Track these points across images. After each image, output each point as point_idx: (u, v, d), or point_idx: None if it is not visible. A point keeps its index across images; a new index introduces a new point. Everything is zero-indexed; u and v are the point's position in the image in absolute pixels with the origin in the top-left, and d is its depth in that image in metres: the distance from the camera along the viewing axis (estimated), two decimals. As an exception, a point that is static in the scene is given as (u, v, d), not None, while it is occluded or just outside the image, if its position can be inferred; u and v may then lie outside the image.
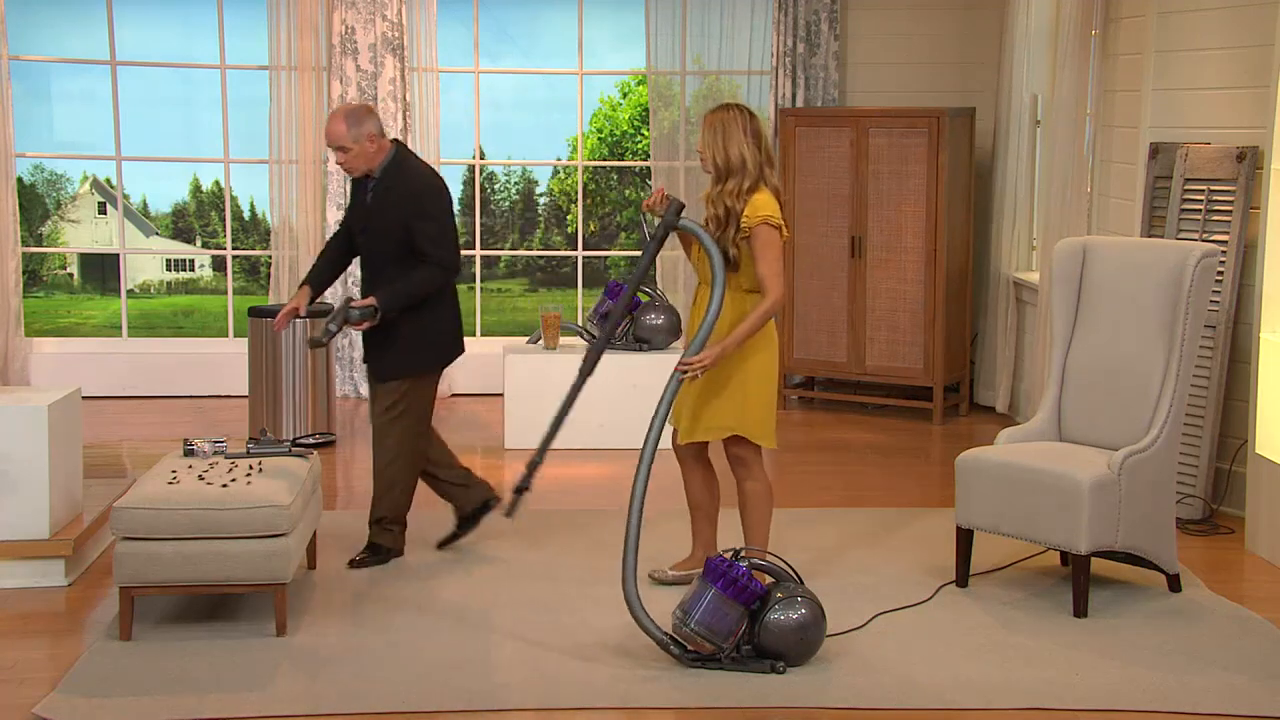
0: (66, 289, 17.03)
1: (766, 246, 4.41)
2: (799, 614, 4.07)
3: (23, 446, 4.76)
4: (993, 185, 8.03)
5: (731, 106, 4.53)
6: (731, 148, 4.44)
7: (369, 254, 5.09)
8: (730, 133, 4.44)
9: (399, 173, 5.02)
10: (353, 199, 5.17)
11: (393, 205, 4.98)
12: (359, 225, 5.09)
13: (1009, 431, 5.06)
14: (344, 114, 4.97)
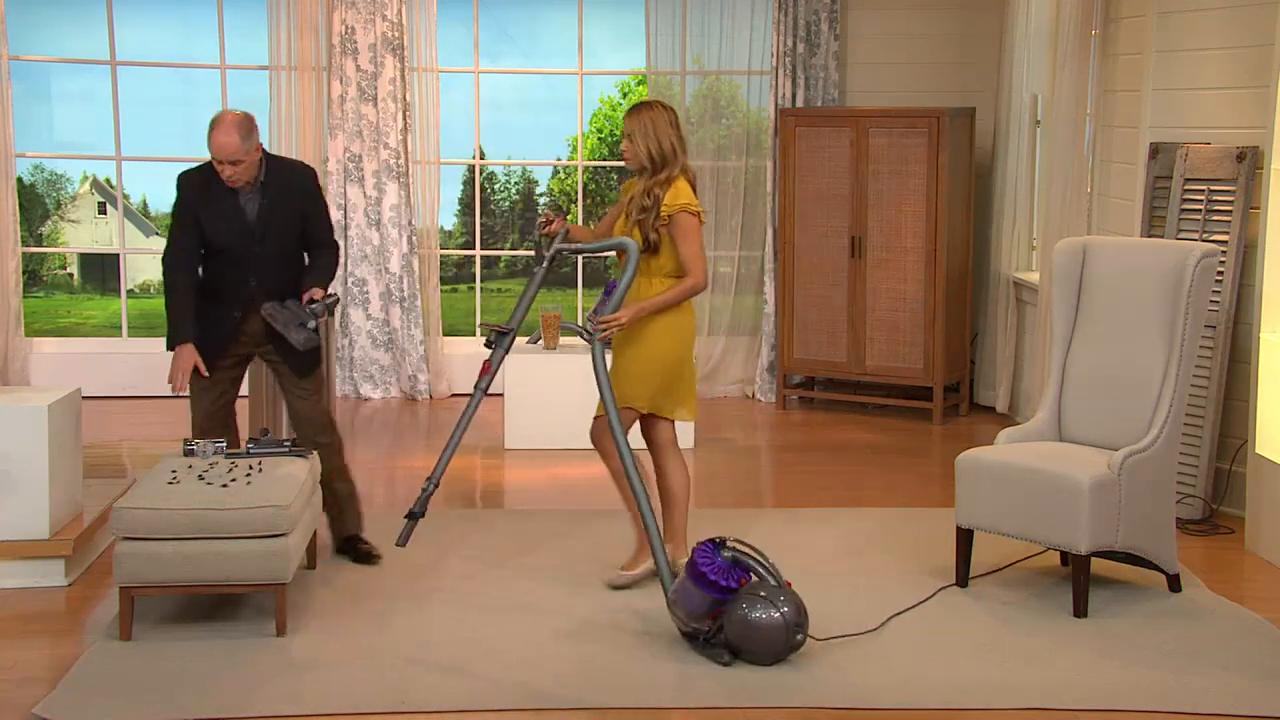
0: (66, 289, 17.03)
1: (689, 232, 4.68)
2: (757, 614, 4.11)
3: (23, 446, 4.76)
4: (993, 185, 8.03)
5: (655, 103, 4.78)
6: (664, 140, 4.69)
7: (263, 259, 4.93)
8: (660, 126, 4.70)
9: (283, 170, 5.01)
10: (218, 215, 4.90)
11: (290, 201, 4.96)
12: (248, 235, 4.91)
13: (1009, 431, 5.05)
14: (235, 126, 4.79)
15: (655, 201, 4.67)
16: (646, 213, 4.68)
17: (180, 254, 4.95)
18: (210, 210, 4.89)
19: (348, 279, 8.25)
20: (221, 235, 4.91)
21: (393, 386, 8.36)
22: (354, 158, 8.18)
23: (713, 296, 8.48)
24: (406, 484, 6.46)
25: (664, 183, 4.69)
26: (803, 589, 4.79)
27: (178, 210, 4.99)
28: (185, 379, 4.88)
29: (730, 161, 8.41)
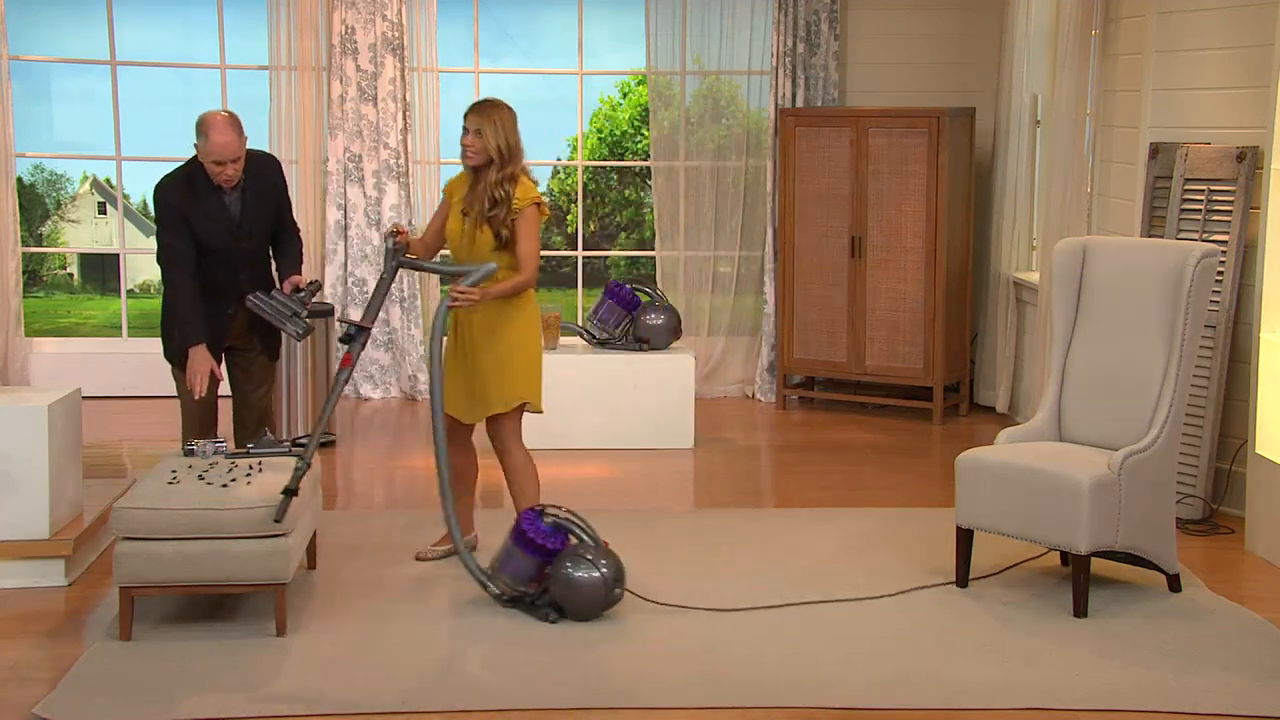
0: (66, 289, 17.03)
1: (534, 226, 4.84)
2: (580, 573, 4.40)
3: (23, 446, 4.76)
4: (993, 185, 8.03)
5: (500, 102, 4.90)
6: (511, 135, 4.83)
7: (249, 254, 5.08)
8: (506, 122, 4.84)
9: (255, 165, 5.11)
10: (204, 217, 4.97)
11: (267, 194, 5.10)
12: (235, 232, 5.01)
13: (1009, 431, 5.05)
14: (230, 124, 4.88)
15: (507, 196, 4.78)
16: (498, 207, 4.79)
17: (178, 255, 5.00)
18: (197, 212, 4.98)
19: (348, 279, 8.25)
20: (210, 236, 5.00)
21: (392, 386, 8.36)
22: (354, 158, 8.18)
23: (713, 296, 8.48)
24: (406, 483, 6.46)
25: (511, 179, 4.80)
26: (804, 589, 4.80)
27: (165, 217, 5.03)
28: (205, 382, 4.96)
29: (730, 161, 8.41)
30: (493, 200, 4.80)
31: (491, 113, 4.83)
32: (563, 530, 4.53)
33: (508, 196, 4.79)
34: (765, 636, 4.40)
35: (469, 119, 4.85)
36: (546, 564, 4.48)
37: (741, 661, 4.19)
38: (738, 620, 4.53)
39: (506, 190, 4.80)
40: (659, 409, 7.00)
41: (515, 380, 4.91)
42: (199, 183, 4.97)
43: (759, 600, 4.70)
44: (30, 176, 16.08)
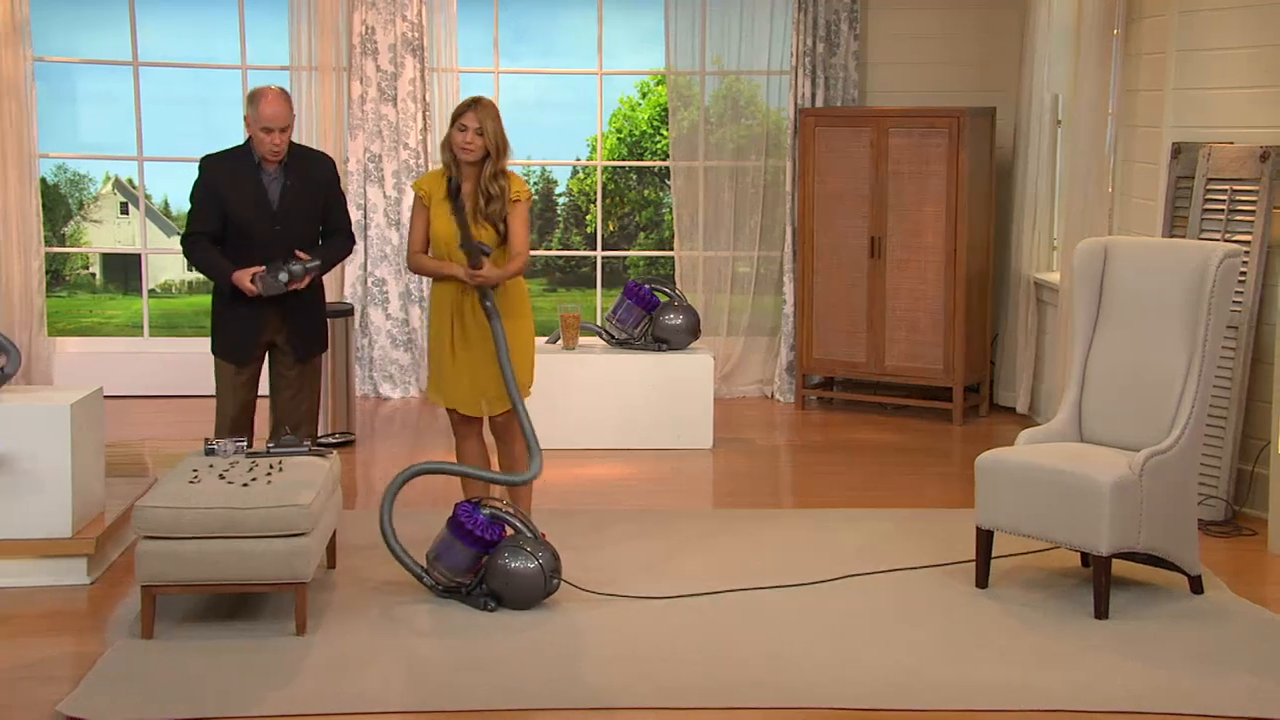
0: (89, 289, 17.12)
1: (526, 217, 4.98)
2: (518, 563, 4.50)
3: (46, 446, 4.79)
4: (1013, 185, 8.00)
5: (488, 99, 4.97)
6: (502, 130, 4.93)
7: (284, 240, 5.11)
8: (498, 116, 4.94)
9: (305, 156, 5.23)
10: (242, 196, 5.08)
11: (312, 186, 5.14)
12: (270, 216, 5.09)
13: (1029, 432, 5.04)
14: (280, 95, 5.09)
15: (503, 191, 4.90)
16: (494, 202, 4.88)
17: (198, 235, 5.14)
18: (235, 192, 5.08)
19: (368, 279, 8.27)
20: (245, 216, 5.09)
21: (412, 386, 8.38)
22: (374, 158, 8.21)
23: (732, 296, 8.47)
24: (425, 483, 6.46)
25: (502, 173, 4.91)
26: (821, 588, 4.80)
27: (199, 192, 5.15)
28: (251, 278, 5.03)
29: (749, 161, 8.40)
30: (488, 196, 4.89)
31: (490, 110, 4.91)
32: (500, 522, 4.61)
33: (503, 191, 4.90)
34: (780, 635, 4.39)
35: (468, 117, 4.89)
36: (484, 555, 4.57)
37: (752, 661, 4.19)
38: (746, 617, 4.52)
39: (501, 185, 4.90)
40: (678, 409, 7.00)
41: (523, 371, 5.00)
42: (241, 160, 5.11)
43: (778, 597, 4.70)
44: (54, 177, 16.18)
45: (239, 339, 5.21)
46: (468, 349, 4.95)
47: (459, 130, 4.87)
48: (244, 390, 5.29)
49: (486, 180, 4.89)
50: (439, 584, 4.66)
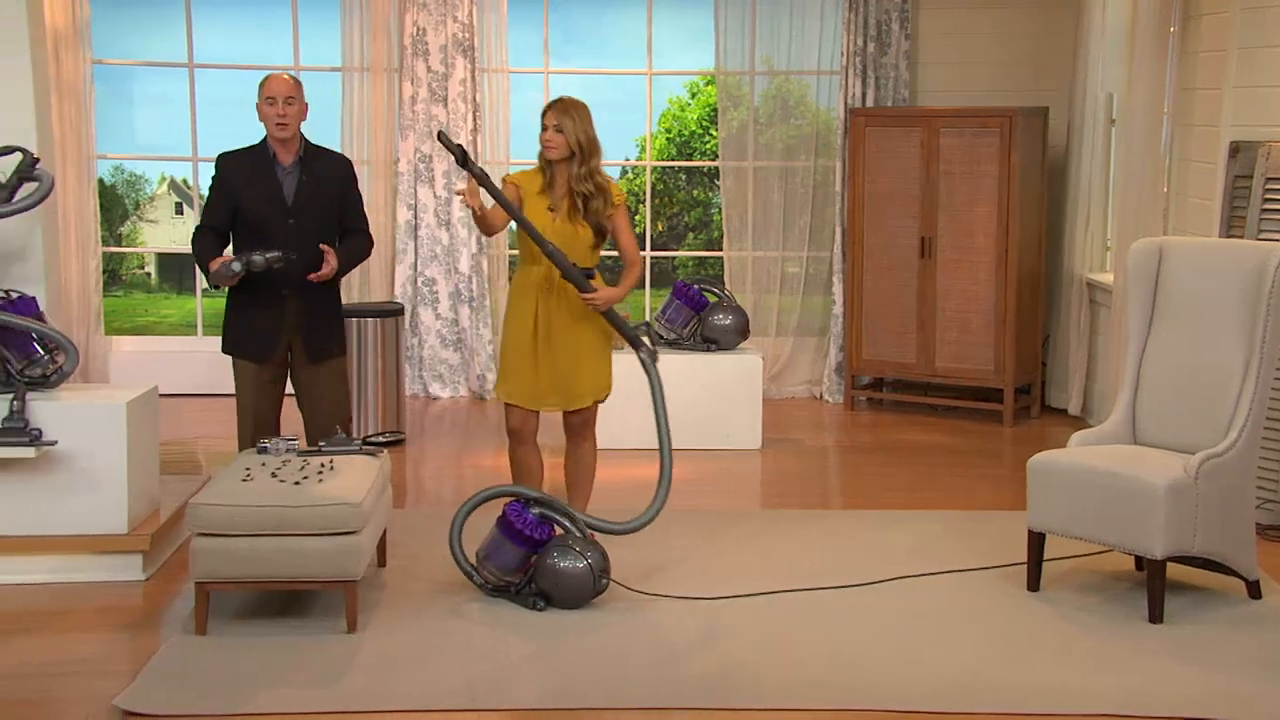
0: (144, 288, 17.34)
1: (629, 222, 5.06)
2: (567, 563, 4.51)
3: (102, 443, 4.85)
4: (1066, 185, 7.93)
5: (574, 98, 5.01)
6: (589, 130, 4.95)
7: (297, 235, 5.08)
8: (584, 117, 4.96)
9: (320, 155, 5.24)
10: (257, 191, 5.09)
11: (326, 184, 5.13)
12: (284, 211, 5.09)
13: (1082, 434, 4.99)
14: (288, 75, 5.17)
15: (601, 191, 4.94)
16: (595, 200, 4.93)
17: (204, 229, 5.17)
18: (250, 188, 5.11)
19: (418, 279, 8.32)
20: (260, 212, 5.09)
21: (461, 385, 8.42)
22: (424, 158, 8.25)
23: (781, 297, 8.45)
24: (475, 482, 6.50)
25: (595, 173, 4.94)
26: (873, 590, 4.77)
27: (213, 187, 5.21)
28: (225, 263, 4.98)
29: (799, 161, 8.38)
30: (584, 195, 4.93)
31: (570, 109, 4.95)
32: (549, 521, 4.62)
33: (602, 191, 4.94)
34: (830, 636, 4.37)
35: (548, 116, 4.96)
36: (533, 554, 4.58)
37: (804, 662, 4.17)
38: (796, 617, 4.51)
39: (598, 184, 4.94)
40: (726, 410, 6.99)
41: (603, 370, 5.07)
42: (257, 157, 5.15)
43: (828, 598, 4.68)
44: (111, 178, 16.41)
45: (251, 336, 5.17)
46: (550, 349, 4.98)
47: (541, 129, 4.96)
48: (262, 391, 5.23)
49: (573, 179, 4.94)
50: (488, 583, 4.68)
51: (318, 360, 5.25)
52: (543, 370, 5.00)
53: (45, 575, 4.82)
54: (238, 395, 5.29)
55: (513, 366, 5.03)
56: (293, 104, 5.08)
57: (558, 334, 4.97)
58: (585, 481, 5.20)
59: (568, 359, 4.99)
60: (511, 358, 5.04)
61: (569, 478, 5.20)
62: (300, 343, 5.20)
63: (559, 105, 4.97)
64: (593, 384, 5.07)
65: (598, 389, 5.09)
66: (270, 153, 5.15)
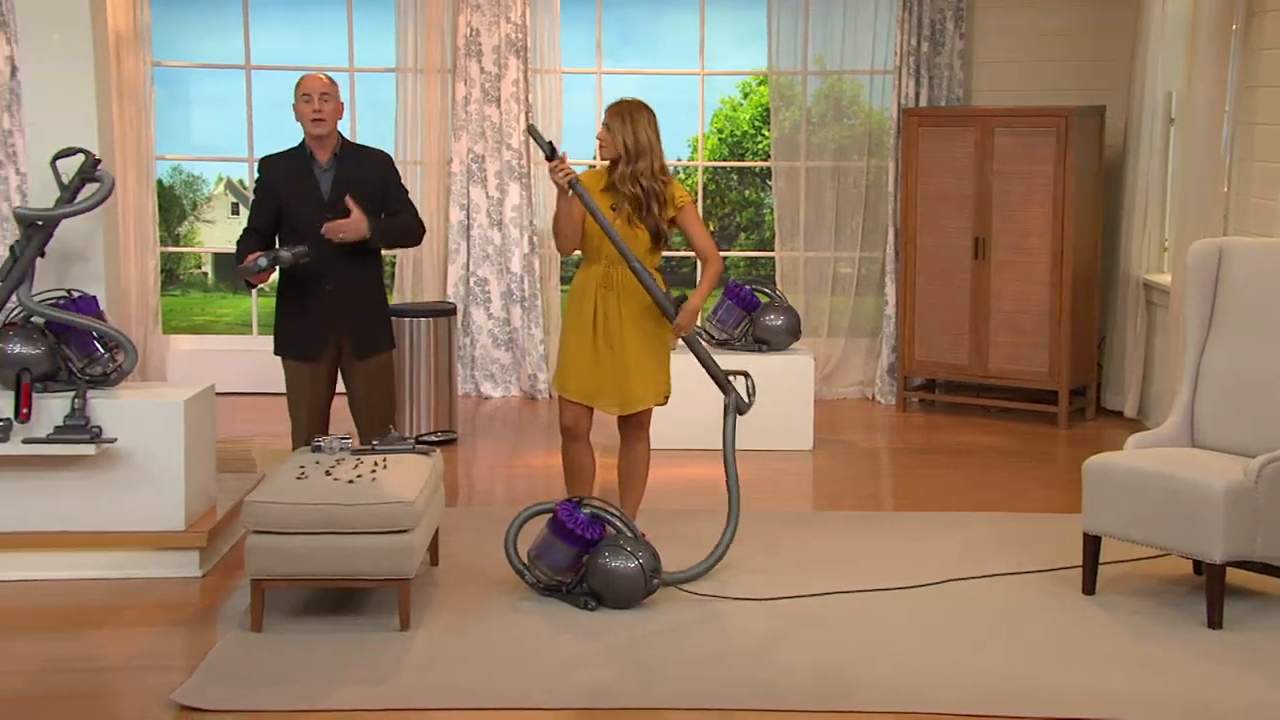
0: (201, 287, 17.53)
1: (698, 220, 5.05)
2: (619, 563, 4.51)
3: (161, 441, 4.92)
4: (1123, 185, 7.84)
5: (636, 100, 5.01)
6: (639, 132, 4.91)
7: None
8: (636, 119, 4.92)
9: (358, 151, 5.28)
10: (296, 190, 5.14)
11: (365, 184, 5.14)
12: (321, 206, 5.12)
13: (1139, 437, 4.93)
14: (323, 75, 5.22)
15: (655, 196, 4.91)
16: (643, 205, 4.90)
17: (248, 231, 5.23)
18: (289, 188, 5.17)
19: (470, 279, 8.36)
20: (299, 210, 5.14)
21: (513, 385, 8.45)
22: (477, 158, 8.29)
23: (833, 298, 8.42)
24: (527, 481, 6.53)
25: (650, 174, 4.90)
26: (925, 592, 4.74)
27: (256, 190, 5.30)
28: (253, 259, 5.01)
29: (851, 162, 8.34)
30: (635, 195, 4.91)
31: (623, 110, 4.94)
32: (600, 521, 4.63)
33: (650, 193, 4.90)
34: (884, 638, 4.35)
35: (606, 114, 4.98)
36: (584, 554, 4.59)
37: (857, 664, 4.15)
38: (848, 619, 4.49)
39: (646, 185, 4.90)
40: (778, 410, 6.96)
41: (661, 373, 5.06)
42: (296, 157, 5.21)
43: (880, 600, 4.66)
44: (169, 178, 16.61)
45: (299, 336, 5.22)
46: (611, 348, 4.97)
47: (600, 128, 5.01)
48: (314, 390, 5.27)
49: (617, 180, 4.93)
50: (540, 582, 4.69)
51: (365, 356, 5.28)
52: (600, 368, 4.99)
53: (105, 571, 4.89)
54: (289, 395, 5.34)
55: (570, 363, 5.03)
56: (328, 101, 5.13)
57: (616, 333, 4.97)
58: (638, 483, 5.19)
59: (625, 359, 4.97)
60: (569, 354, 5.04)
61: (621, 478, 5.20)
62: (348, 340, 5.24)
63: (614, 106, 4.97)
64: (649, 387, 5.03)
65: (655, 392, 5.06)
66: (308, 152, 5.20)
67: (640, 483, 5.20)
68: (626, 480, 5.20)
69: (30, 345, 4.90)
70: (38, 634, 4.39)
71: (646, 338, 5.00)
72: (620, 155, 4.92)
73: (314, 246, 5.07)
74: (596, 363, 4.99)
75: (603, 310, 4.98)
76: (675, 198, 4.97)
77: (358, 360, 5.27)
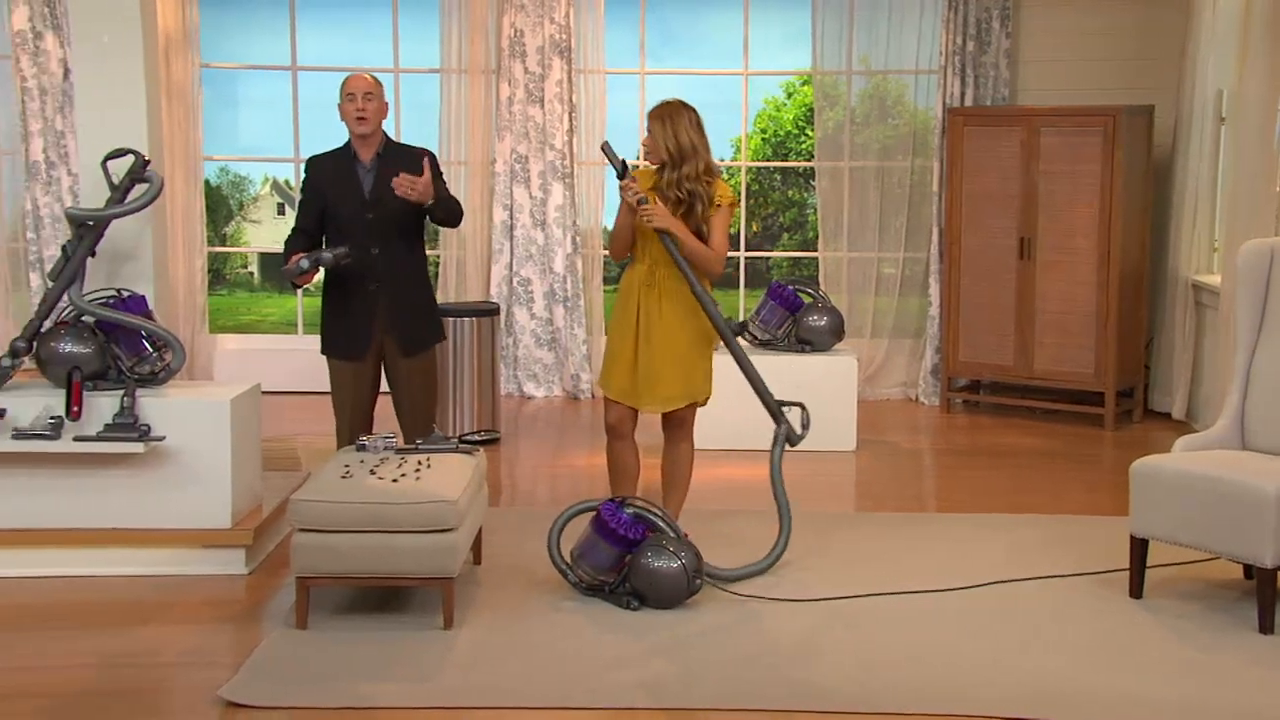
0: (247, 287, 17.67)
1: (724, 223, 4.99)
2: (661, 563, 4.52)
3: (208, 439, 4.96)
4: (1172, 185, 7.76)
5: (676, 101, 4.98)
6: (681, 135, 4.89)
7: (378, 227, 5.14)
8: (678, 122, 4.91)
9: (400, 149, 5.31)
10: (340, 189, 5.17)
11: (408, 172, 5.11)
12: (363, 203, 5.14)
13: (1187, 439, 4.88)
14: (367, 74, 5.24)
15: (692, 196, 4.89)
16: (684, 204, 4.89)
17: (295, 232, 5.26)
18: (334, 187, 5.21)
19: (513, 279, 8.39)
20: (342, 208, 5.18)
21: (555, 385, 8.47)
22: (520, 159, 8.32)
23: (876, 299, 8.38)
24: (569, 481, 6.54)
25: (694, 177, 4.88)
26: (969, 594, 4.71)
27: (303, 190, 5.34)
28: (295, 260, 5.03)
29: (895, 161, 8.30)
30: (678, 199, 4.90)
31: (664, 114, 4.92)
32: (643, 521, 4.63)
33: (695, 195, 4.89)
34: (928, 640, 4.32)
35: (648, 118, 4.98)
36: (627, 554, 4.59)
37: (900, 666, 4.13)
38: (892, 621, 4.47)
39: (691, 188, 4.88)
40: (821, 411, 6.90)
41: (699, 374, 5.05)
42: (341, 157, 5.26)
43: (924, 601, 4.63)
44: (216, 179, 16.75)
45: (344, 335, 5.26)
46: (651, 345, 4.98)
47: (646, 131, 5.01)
48: (358, 389, 5.30)
49: (665, 184, 4.92)
50: (582, 581, 4.70)
51: (408, 354, 5.29)
52: (641, 368, 5.00)
53: (153, 567, 4.94)
54: (333, 394, 5.37)
55: (613, 362, 5.05)
56: (372, 100, 5.16)
57: (656, 333, 4.97)
58: (681, 483, 5.19)
59: (662, 357, 4.98)
60: (612, 354, 5.06)
61: (665, 478, 5.20)
62: (391, 339, 5.26)
63: (657, 109, 4.97)
64: (685, 387, 5.03)
65: (692, 392, 5.05)
66: (352, 152, 5.24)
67: (683, 483, 5.20)
68: (669, 480, 5.20)
69: (81, 344, 4.97)
70: (91, 630, 4.44)
71: (686, 336, 5.00)
72: (665, 160, 4.92)
73: (356, 247, 5.10)
74: (636, 362, 5.00)
75: (645, 309, 4.98)
76: (716, 196, 4.96)
77: (401, 359, 5.29)
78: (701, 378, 5.08)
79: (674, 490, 5.17)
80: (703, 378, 5.08)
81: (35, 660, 4.18)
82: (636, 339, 4.99)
